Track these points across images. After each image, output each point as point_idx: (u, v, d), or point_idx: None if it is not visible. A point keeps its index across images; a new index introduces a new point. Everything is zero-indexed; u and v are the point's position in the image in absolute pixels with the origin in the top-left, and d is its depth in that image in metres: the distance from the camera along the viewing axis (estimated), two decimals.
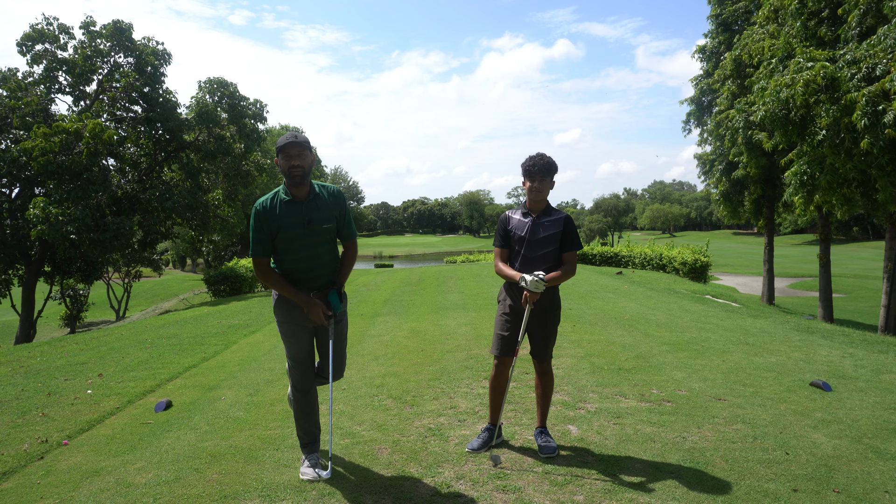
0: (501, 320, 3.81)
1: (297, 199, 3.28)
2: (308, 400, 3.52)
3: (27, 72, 21.02)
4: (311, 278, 3.35)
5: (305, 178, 3.26)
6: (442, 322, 9.22)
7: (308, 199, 3.30)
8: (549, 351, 3.81)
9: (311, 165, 3.27)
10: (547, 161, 3.66)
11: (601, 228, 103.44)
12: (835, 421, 4.25)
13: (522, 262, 3.71)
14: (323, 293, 3.40)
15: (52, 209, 17.17)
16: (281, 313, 3.40)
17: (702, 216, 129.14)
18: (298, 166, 3.21)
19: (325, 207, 3.34)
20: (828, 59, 11.96)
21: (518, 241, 3.75)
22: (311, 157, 3.28)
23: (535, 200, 3.74)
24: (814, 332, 8.41)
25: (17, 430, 4.66)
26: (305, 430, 3.56)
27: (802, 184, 12.85)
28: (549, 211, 3.76)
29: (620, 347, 6.89)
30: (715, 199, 25.18)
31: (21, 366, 7.67)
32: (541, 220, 3.73)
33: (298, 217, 3.26)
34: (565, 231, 3.71)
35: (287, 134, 3.23)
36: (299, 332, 3.40)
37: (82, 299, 31.81)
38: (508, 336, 3.76)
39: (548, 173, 3.67)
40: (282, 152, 3.22)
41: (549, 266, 3.67)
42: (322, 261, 3.36)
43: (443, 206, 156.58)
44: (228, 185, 24.04)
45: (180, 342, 8.69)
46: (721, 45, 24.47)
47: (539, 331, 3.76)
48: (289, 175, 3.23)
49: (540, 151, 3.69)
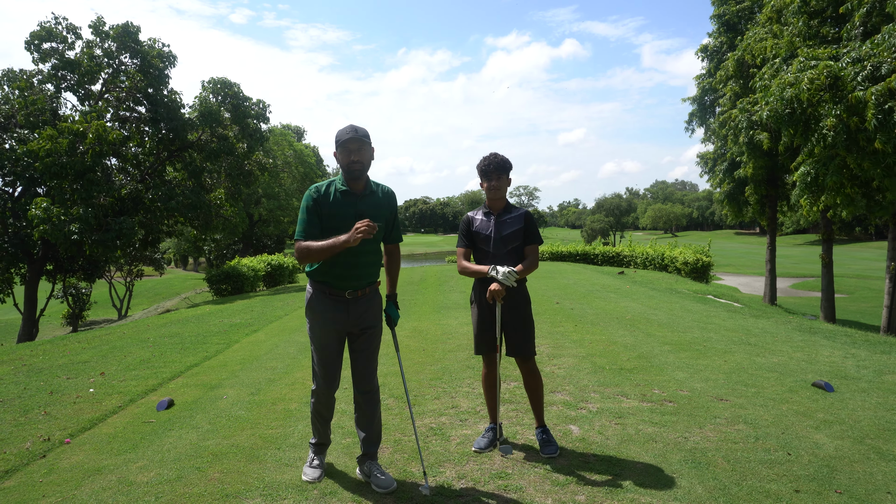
0: (478, 321, 3.84)
1: (352, 192, 3.25)
2: (322, 400, 3.44)
3: (34, 70, 21.06)
4: (353, 276, 3.25)
5: (364, 172, 3.23)
6: (443, 321, 9.22)
7: (363, 194, 3.27)
8: (529, 347, 3.80)
9: (370, 160, 3.24)
10: (501, 159, 3.74)
11: (603, 228, 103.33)
12: (837, 422, 4.24)
13: (491, 260, 3.75)
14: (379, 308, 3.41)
15: (55, 209, 17.20)
16: (313, 315, 3.31)
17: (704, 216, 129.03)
18: (358, 161, 3.17)
19: (378, 205, 3.30)
20: (831, 56, 11.94)
21: (484, 241, 3.79)
22: (370, 152, 3.24)
23: (495, 199, 3.80)
24: (816, 332, 8.39)
25: (19, 429, 4.67)
26: (320, 431, 3.52)
27: (808, 185, 12.83)
28: (508, 208, 3.85)
29: (622, 347, 6.88)
30: (718, 199, 25.15)
31: (23, 364, 7.68)
32: (502, 217, 3.80)
33: (350, 209, 3.20)
34: (526, 226, 3.78)
35: (346, 128, 3.18)
36: (331, 335, 3.31)
37: (84, 298, 31.92)
38: (487, 334, 3.80)
39: (503, 171, 3.75)
40: (342, 147, 3.17)
41: (516, 262, 3.73)
42: (366, 259, 3.27)
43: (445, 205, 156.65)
44: (231, 185, 24.06)
45: (182, 341, 8.70)
46: (724, 45, 24.45)
47: (514, 328, 3.77)
48: (348, 170, 3.19)
49: (493, 151, 3.79)
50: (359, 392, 3.41)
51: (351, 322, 3.30)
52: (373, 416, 3.42)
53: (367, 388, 3.40)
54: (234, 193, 24.44)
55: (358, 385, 3.41)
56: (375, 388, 3.44)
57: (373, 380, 3.42)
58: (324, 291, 3.28)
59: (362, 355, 3.37)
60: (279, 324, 10.16)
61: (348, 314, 3.28)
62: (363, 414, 3.43)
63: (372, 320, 3.37)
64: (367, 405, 3.41)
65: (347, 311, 3.28)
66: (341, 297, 3.26)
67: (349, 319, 3.29)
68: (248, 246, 44.28)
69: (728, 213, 24.04)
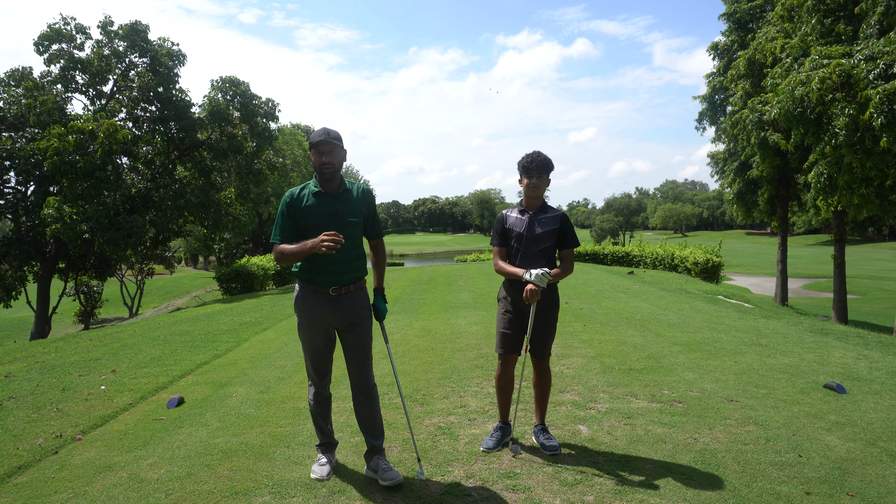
0: (504, 318, 3.82)
1: (325, 192, 3.33)
2: (322, 402, 3.53)
3: (44, 71, 21.24)
4: (337, 271, 3.31)
5: (336, 174, 3.32)
6: (452, 321, 9.22)
7: (337, 193, 3.35)
8: (548, 349, 3.83)
9: (341, 162, 3.33)
10: (544, 158, 3.71)
11: (612, 228, 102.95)
12: (849, 423, 4.20)
13: (521, 259, 3.73)
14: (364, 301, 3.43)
15: (67, 208, 17.35)
16: (300, 312, 3.40)
17: (714, 216, 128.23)
18: (329, 163, 3.27)
19: (353, 202, 3.37)
20: (843, 54, 11.82)
21: (516, 238, 3.77)
22: (342, 154, 3.32)
23: (532, 197, 3.77)
24: (828, 333, 8.32)
25: (31, 425, 4.72)
26: (323, 431, 3.59)
27: (821, 186, 12.71)
28: (545, 208, 3.81)
29: (631, 347, 6.85)
30: (728, 199, 24.97)
31: (36, 361, 7.76)
32: (537, 216, 3.77)
33: (325, 208, 3.30)
34: (562, 229, 3.76)
35: (319, 130, 3.27)
36: (318, 332, 3.39)
37: (96, 296, 32.19)
38: (512, 334, 3.78)
39: (545, 170, 3.73)
40: (314, 148, 3.27)
41: (546, 263, 3.71)
42: (347, 255, 3.32)
43: (454, 204, 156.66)
44: (240, 184, 24.19)
45: (192, 339, 8.75)
46: (734, 44, 24.27)
47: (540, 329, 3.76)
48: (319, 171, 3.29)
49: (536, 149, 3.76)
50: (355, 388, 3.47)
51: (337, 318, 3.36)
52: (372, 410, 3.47)
53: (361, 384, 3.45)
54: (244, 192, 24.57)
55: (353, 381, 3.47)
56: (372, 384, 3.49)
57: (368, 375, 3.47)
58: (308, 289, 3.36)
59: (353, 351, 3.43)
60: (288, 322, 10.20)
61: (333, 311, 3.34)
62: (363, 409, 3.48)
63: (358, 317, 3.41)
64: (366, 400, 3.46)
65: (332, 308, 3.34)
66: (325, 294, 3.33)
67: (335, 316, 3.35)
68: (257, 245, 44.47)
69: (738, 213, 23.88)
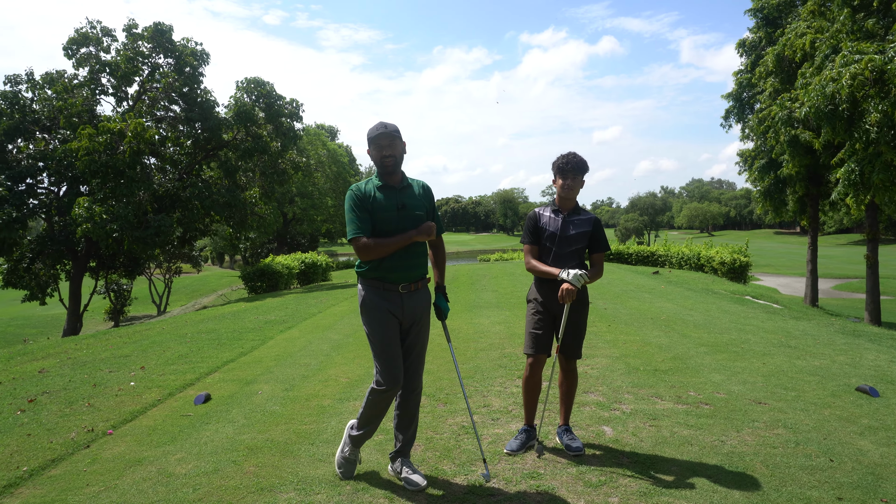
0: (534, 319, 3.78)
1: (389, 186, 3.31)
2: (385, 398, 3.28)
3: (73, 74, 21.77)
4: (405, 267, 3.28)
5: (397, 166, 3.29)
6: (475, 321, 9.21)
7: (401, 187, 3.34)
8: (579, 349, 3.81)
9: (402, 154, 3.31)
10: (580, 160, 3.69)
11: (637, 227, 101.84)
12: (882, 428, 4.10)
13: (554, 258, 3.71)
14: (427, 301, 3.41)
15: (97, 208, 17.74)
16: (369, 312, 3.26)
17: (741, 215, 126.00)
18: (390, 156, 3.24)
19: (417, 197, 3.36)
20: (877, 51, 11.52)
21: (549, 238, 3.75)
22: (401, 146, 3.30)
23: (566, 198, 3.75)
24: (860, 335, 8.12)
25: (64, 420, 4.84)
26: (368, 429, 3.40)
27: (852, 183, 12.41)
28: (578, 210, 3.80)
29: (657, 348, 6.77)
30: (755, 197, 24.50)
31: (68, 357, 7.95)
32: (571, 217, 3.75)
33: (393, 201, 3.27)
34: (594, 232, 3.75)
35: (377, 124, 3.25)
36: (393, 329, 3.28)
37: (126, 294, 32.88)
38: (542, 334, 3.75)
39: (580, 172, 3.71)
40: (373, 143, 3.25)
41: (577, 264, 3.70)
42: (415, 250, 3.31)
43: (477, 204, 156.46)
44: (265, 183, 24.47)
45: (219, 337, 8.88)
46: (762, 40, 23.79)
47: (571, 328, 3.74)
48: (381, 164, 3.26)
49: (572, 150, 3.73)
50: (406, 390, 3.38)
51: (405, 316, 3.31)
52: (414, 416, 3.43)
53: (413, 386, 3.39)
54: (269, 192, 24.85)
55: (406, 383, 3.37)
56: (420, 387, 3.45)
57: (420, 377, 3.43)
58: (378, 287, 3.28)
59: (412, 351, 3.38)
60: (313, 321, 10.29)
61: (402, 308, 3.30)
62: (406, 413, 3.40)
63: (421, 315, 3.39)
64: (412, 405, 3.39)
65: (401, 305, 3.29)
66: (395, 291, 3.28)
67: (403, 313, 3.31)
68: (282, 244, 44.98)
69: (767, 211, 23.39)
